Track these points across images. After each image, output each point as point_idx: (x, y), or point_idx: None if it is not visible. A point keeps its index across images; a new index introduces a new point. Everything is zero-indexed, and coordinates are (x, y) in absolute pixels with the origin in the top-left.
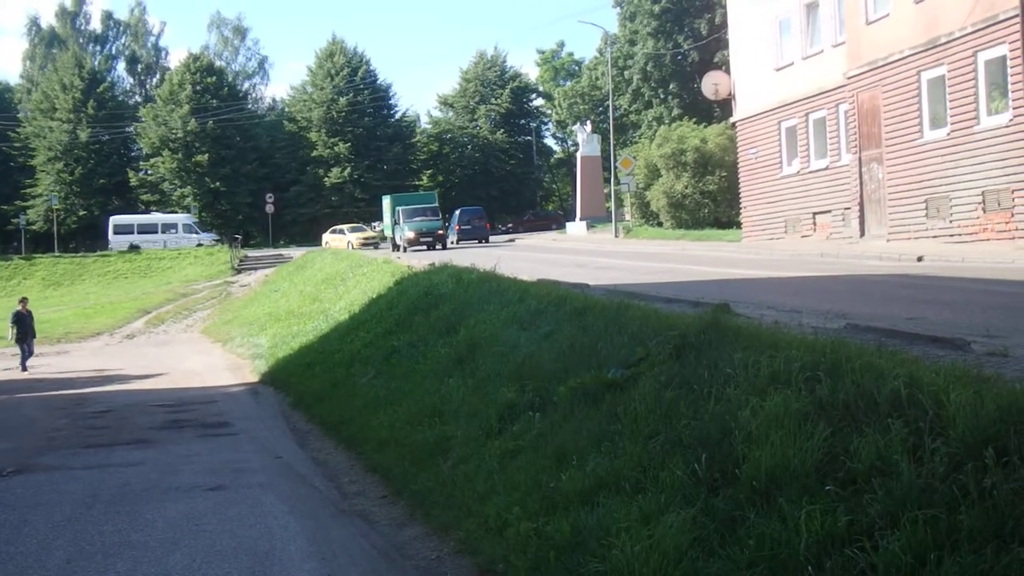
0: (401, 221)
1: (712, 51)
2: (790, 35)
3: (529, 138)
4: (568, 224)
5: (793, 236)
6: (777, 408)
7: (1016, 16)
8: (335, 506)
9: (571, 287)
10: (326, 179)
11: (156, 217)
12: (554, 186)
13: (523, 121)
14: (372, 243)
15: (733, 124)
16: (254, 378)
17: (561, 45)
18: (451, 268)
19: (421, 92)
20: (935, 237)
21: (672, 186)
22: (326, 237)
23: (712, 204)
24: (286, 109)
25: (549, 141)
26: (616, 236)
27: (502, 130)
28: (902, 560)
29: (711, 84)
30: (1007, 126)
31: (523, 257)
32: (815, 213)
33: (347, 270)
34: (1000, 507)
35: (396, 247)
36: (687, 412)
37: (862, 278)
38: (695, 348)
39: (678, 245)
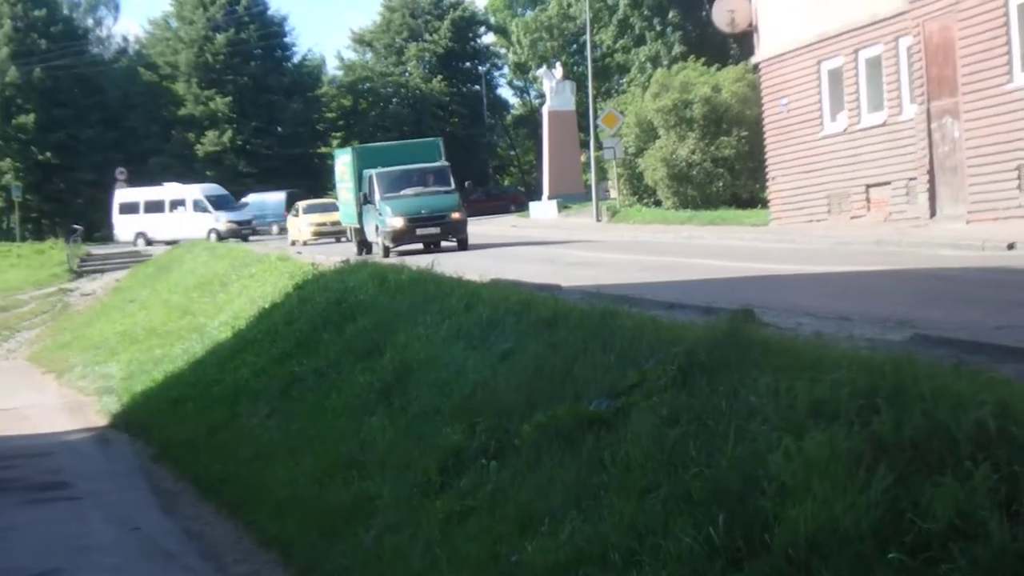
0: (377, 197)
1: None
2: None
3: (477, 88)
4: (533, 205)
5: (839, 217)
6: (820, 450)
7: None
8: None
9: (537, 289)
10: (198, 147)
11: None
12: (512, 153)
13: (469, 65)
14: (337, 234)
15: (756, 66)
16: (102, 421)
17: None
18: (372, 267)
19: (329, 26)
20: None
21: (674, 151)
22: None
23: (728, 175)
24: (143, 52)
25: (505, 92)
26: (598, 220)
27: (440, 77)
28: None
29: (726, 11)
30: None
31: (473, 251)
32: (869, 186)
33: (229, 271)
34: None
35: (364, 245)
36: (698, 457)
37: (933, 273)
38: (707, 370)
39: (682, 231)
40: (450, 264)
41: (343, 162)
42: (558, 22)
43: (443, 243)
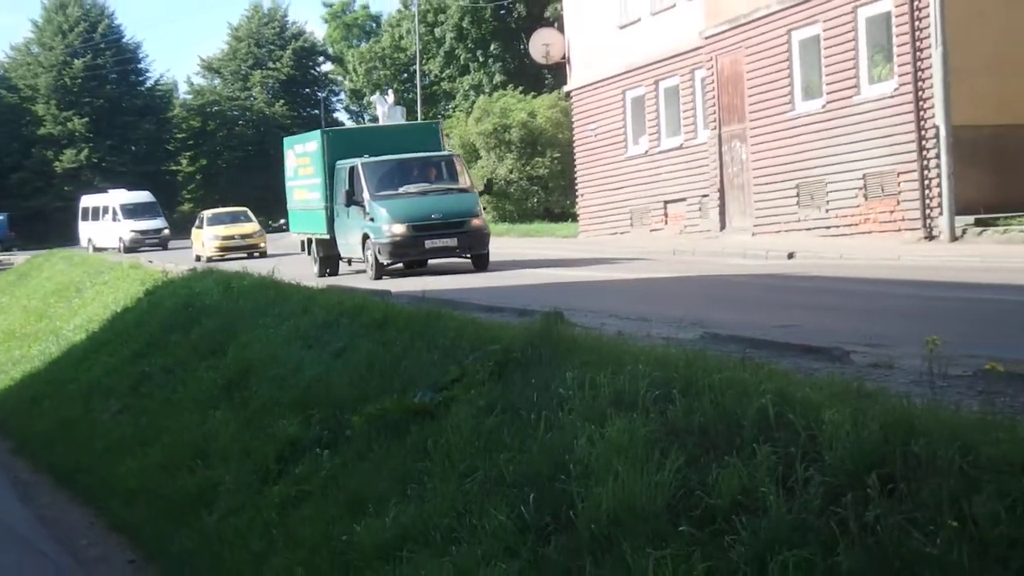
0: (366, 196)
1: (543, 4)
2: None
3: (317, 111)
4: None
5: (641, 230)
6: (620, 435)
7: None
8: None
9: (369, 294)
10: (57, 164)
11: None
12: None
13: (309, 91)
14: (248, 249)
15: (568, 94)
16: None
17: None
18: (217, 273)
19: (180, 54)
20: (809, 229)
21: (494, 170)
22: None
23: (543, 192)
24: (5, 75)
25: (341, 115)
26: None
27: (282, 101)
28: None
29: (541, 45)
30: (892, 96)
31: (295, 259)
32: (667, 202)
33: (84, 278)
34: (884, 543)
35: (331, 263)
36: (512, 443)
37: (723, 279)
38: (521, 365)
39: (501, 242)
40: (293, 272)
41: (301, 152)
42: (390, 53)
43: (452, 258)
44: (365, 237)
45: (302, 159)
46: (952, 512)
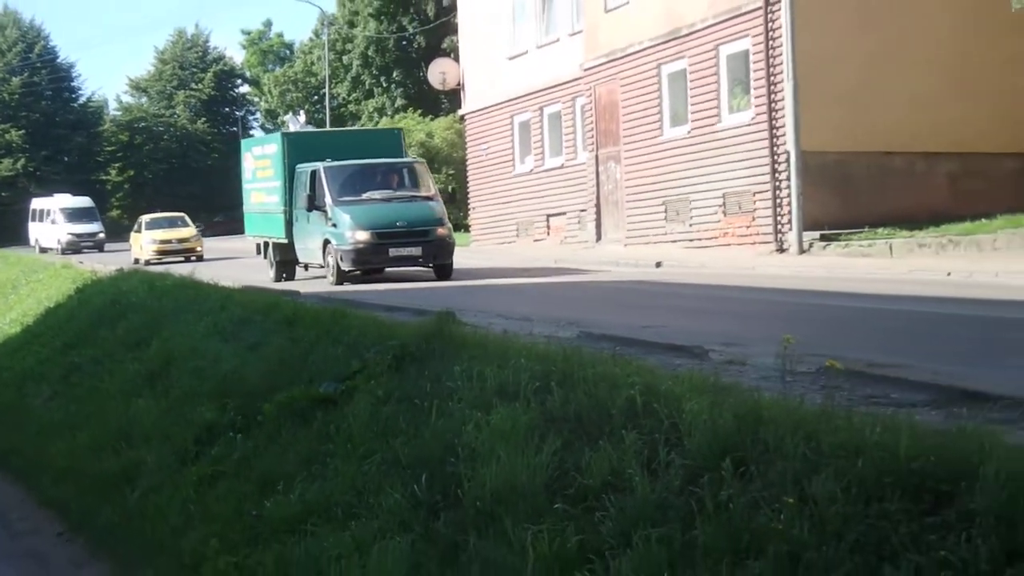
0: (328, 201)
1: (440, 36)
2: (525, 21)
3: (235, 129)
4: None
5: (526, 240)
6: (504, 422)
7: (759, 9)
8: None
9: (281, 294)
10: None
11: None
12: None
13: (228, 109)
14: (185, 253)
15: (462, 117)
16: None
17: (269, 25)
18: (142, 274)
19: (110, 74)
20: (675, 241)
21: None
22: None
23: None
24: None
25: (257, 132)
26: None
27: (204, 119)
28: None
29: (438, 72)
30: (749, 124)
31: (229, 263)
32: (549, 215)
33: (19, 276)
34: (736, 520)
35: (287, 268)
36: (407, 429)
37: (598, 285)
38: (417, 359)
39: None
40: (209, 274)
41: (260, 155)
42: (302, 77)
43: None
44: (326, 243)
45: (261, 162)
46: (795, 492)
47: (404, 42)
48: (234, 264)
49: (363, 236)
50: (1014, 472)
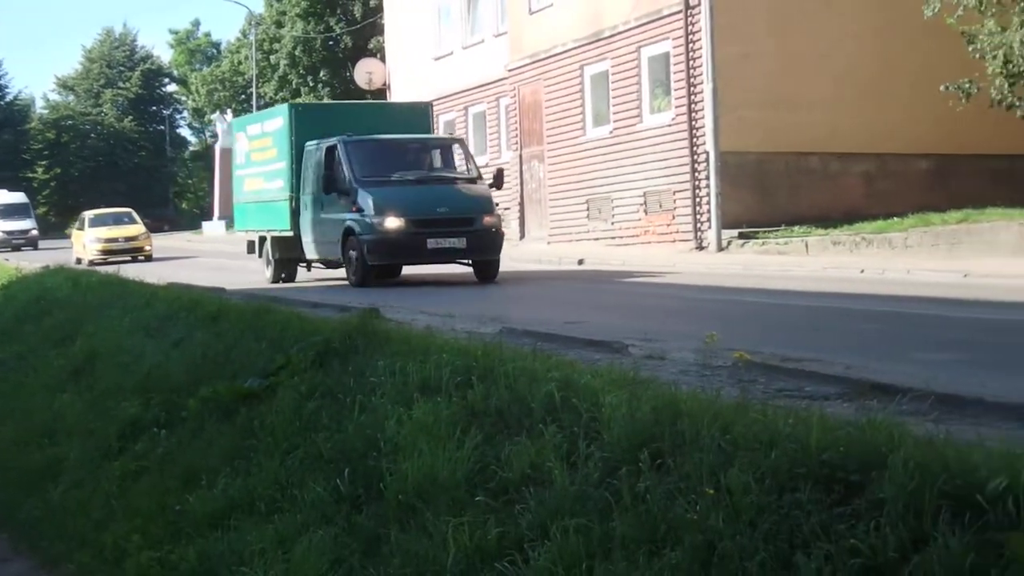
0: (347, 180)
1: (367, 36)
2: (450, 22)
3: (162, 128)
4: (205, 224)
5: None
6: (426, 417)
7: (679, 12)
8: None
9: (206, 291)
10: None
11: None
12: (190, 181)
13: (155, 108)
14: (133, 252)
15: None
16: None
17: (196, 25)
18: (68, 270)
19: (37, 72)
20: (597, 239)
21: None
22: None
23: None
24: None
25: (184, 131)
26: None
27: (131, 118)
28: (553, 572)
29: (365, 72)
30: (669, 125)
31: (184, 264)
32: None
33: None
34: (653, 511)
35: (287, 266)
36: (330, 424)
37: (521, 281)
38: (340, 355)
39: None
40: (135, 272)
41: (258, 133)
42: (230, 76)
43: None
44: (347, 232)
45: (260, 141)
46: (711, 483)
47: (331, 42)
48: (193, 266)
49: (396, 223)
50: (921, 462)
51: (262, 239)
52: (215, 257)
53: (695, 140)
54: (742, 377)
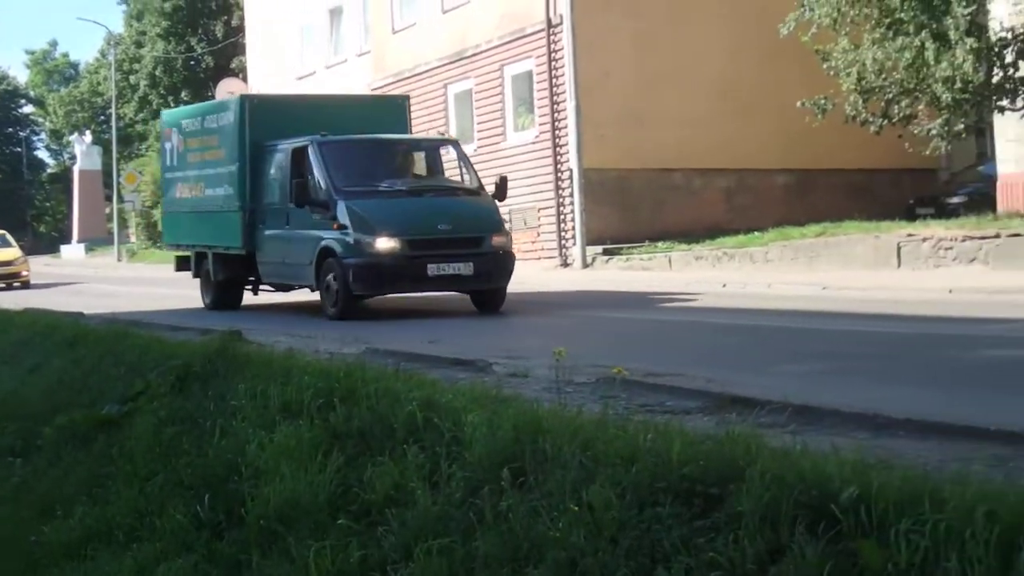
0: (325, 190)
1: (229, 56)
2: (313, 42)
3: (18, 149)
4: (64, 248)
5: None
6: (288, 440)
7: (542, 31)
8: None
9: (63, 316)
10: None
11: None
12: (48, 204)
13: (12, 130)
14: (8, 279)
15: None
16: None
17: (54, 45)
18: None
19: None
20: None
21: None
22: None
23: None
24: None
25: (42, 153)
26: (119, 260)
27: None
28: None
29: (226, 92)
30: (533, 142)
31: (67, 291)
32: None
33: None
34: (515, 530)
35: (230, 292)
36: (190, 449)
37: (384, 301)
38: (201, 379)
39: None
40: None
41: (195, 129)
42: (89, 96)
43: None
44: (324, 254)
45: (200, 139)
46: (573, 499)
47: (192, 62)
48: (78, 293)
49: (389, 244)
50: (777, 474)
51: (200, 256)
52: (104, 283)
53: (559, 157)
54: (604, 393)
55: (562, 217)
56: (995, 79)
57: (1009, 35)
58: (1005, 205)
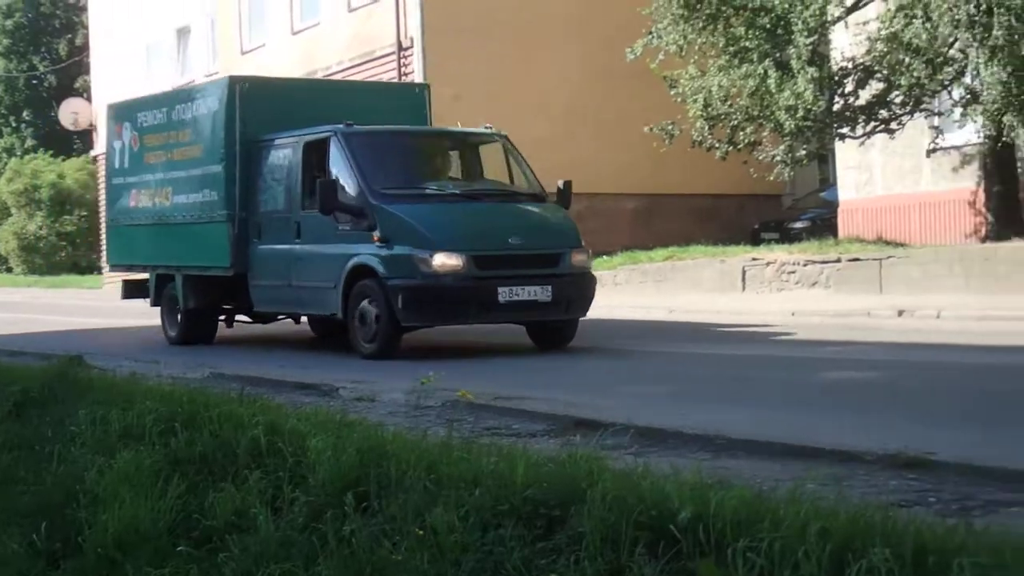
0: (356, 193)
1: (73, 75)
2: (160, 62)
3: None
4: None
5: None
6: (128, 466)
7: (392, 54)
8: None
9: None
10: None
11: None
12: None
13: None
14: None
15: (95, 158)
16: None
17: None
18: None
19: None
20: None
21: (24, 227)
22: None
23: (70, 247)
24: None
25: None
26: None
27: None
28: None
29: (70, 112)
30: None
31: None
32: None
33: None
34: (359, 554)
35: (202, 322)
36: (27, 477)
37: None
38: (39, 404)
39: (29, 293)
40: None
41: (159, 122)
42: None
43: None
44: (357, 275)
45: (165, 135)
46: (416, 523)
47: (35, 81)
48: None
49: (451, 262)
50: (618, 495)
51: (163, 280)
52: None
53: None
54: (451, 416)
55: None
56: (836, 107)
57: (850, 65)
58: (845, 230)
